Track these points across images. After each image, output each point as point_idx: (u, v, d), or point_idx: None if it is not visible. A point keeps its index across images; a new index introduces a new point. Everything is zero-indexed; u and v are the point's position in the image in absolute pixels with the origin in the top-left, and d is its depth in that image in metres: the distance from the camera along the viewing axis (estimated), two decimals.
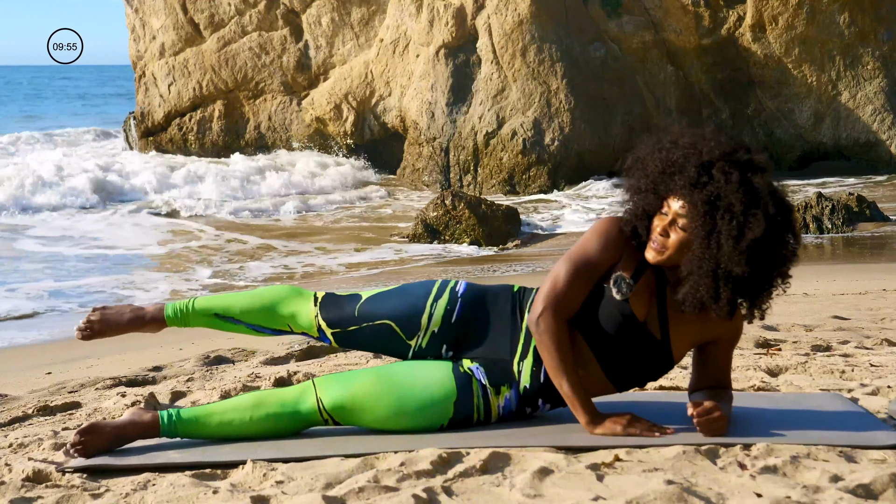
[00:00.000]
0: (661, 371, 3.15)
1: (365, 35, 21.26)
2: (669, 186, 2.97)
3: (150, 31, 22.79)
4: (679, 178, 2.94)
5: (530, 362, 3.10)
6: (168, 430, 3.08)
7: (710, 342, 3.15)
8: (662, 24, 19.30)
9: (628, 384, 3.17)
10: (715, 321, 3.07)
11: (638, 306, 3.04)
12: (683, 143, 2.99)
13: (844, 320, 5.90)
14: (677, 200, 2.95)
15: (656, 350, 3.08)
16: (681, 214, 2.94)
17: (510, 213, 14.09)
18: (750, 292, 2.98)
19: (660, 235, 2.96)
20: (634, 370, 3.13)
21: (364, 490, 2.62)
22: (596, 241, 3.05)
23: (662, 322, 3.06)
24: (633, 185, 3.05)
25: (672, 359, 3.11)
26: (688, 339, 3.11)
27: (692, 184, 2.92)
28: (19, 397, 4.61)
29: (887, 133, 18.68)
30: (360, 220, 15.37)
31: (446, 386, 3.08)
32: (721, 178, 2.90)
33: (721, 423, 2.95)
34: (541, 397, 3.14)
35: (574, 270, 3.02)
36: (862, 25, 18.69)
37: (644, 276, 3.04)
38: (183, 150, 22.66)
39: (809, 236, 12.72)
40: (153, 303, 3.39)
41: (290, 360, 5.12)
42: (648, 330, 3.06)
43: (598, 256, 3.03)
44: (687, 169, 2.94)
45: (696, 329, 3.09)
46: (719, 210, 2.89)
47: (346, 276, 10.46)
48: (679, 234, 2.95)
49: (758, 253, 2.88)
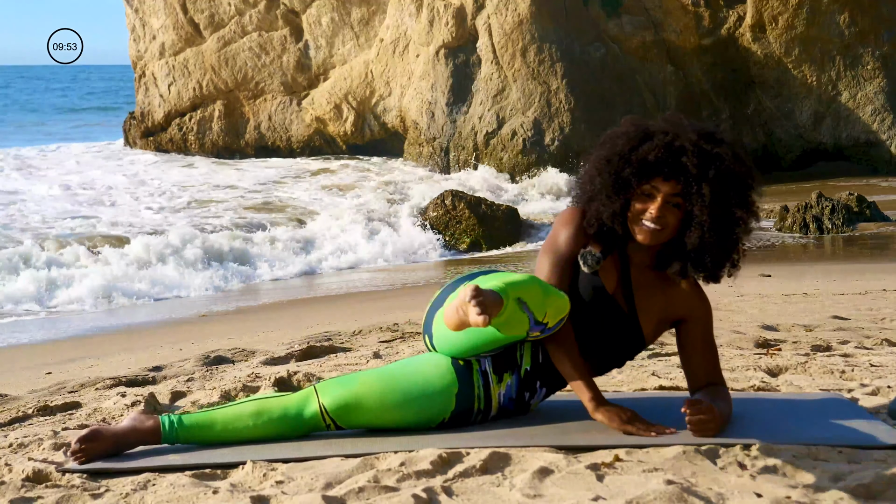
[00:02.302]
0: (633, 348, 3.25)
1: (365, 35, 21.26)
2: (653, 171, 3.04)
3: (150, 31, 22.79)
4: (671, 161, 3.02)
5: (529, 343, 3.17)
6: (169, 437, 3.08)
7: (684, 322, 3.23)
8: (662, 24, 19.30)
9: (604, 362, 3.26)
10: (680, 297, 3.20)
11: (607, 279, 3.16)
12: (657, 129, 3.08)
13: (844, 320, 5.90)
14: (665, 182, 3.03)
15: (625, 322, 3.18)
16: (674, 193, 3.03)
17: (510, 212, 14.08)
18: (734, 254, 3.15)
19: (656, 216, 3.04)
20: (606, 344, 3.21)
21: (364, 490, 2.62)
22: (564, 230, 3.17)
23: (628, 297, 3.18)
24: (604, 183, 3.08)
25: (641, 333, 3.21)
26: (654, 315, 3.22)
27: (695, 163, 3.00)
28: (19, 397, 4.61)
29: (887, 133, 18.68)
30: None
31: (447, 378, 3.12)
32: (721, 151, 3.02)
33: (714, 422, 2.96)
34: (539, 379, 3.20)
35: (552, 262, 3.15)
36: (862, 25, 18.69)
37: (610, 256, 3.17)
38: (183, 150, 22.67)
39: (809, 236, 12.72)
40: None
41: (290, 360, 5.12)
42: (617, 302, 3.17)
43: (567, 245, 3.16)
44: (679, 150, 3.02)
45: (661, 305, 3.21)
46: (726, 181, 3.00)
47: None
48: (675, 213, 3.05)
49: (755, 213, 3.09)
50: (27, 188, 18.10)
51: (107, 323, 8.54)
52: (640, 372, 4.18)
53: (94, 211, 15.47)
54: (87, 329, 8.09)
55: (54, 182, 18.82)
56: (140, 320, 8.65)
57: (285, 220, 14.53)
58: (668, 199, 3.03)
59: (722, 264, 3.10)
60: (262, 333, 6.72)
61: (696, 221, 3.02)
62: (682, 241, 3.07)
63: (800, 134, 19.25)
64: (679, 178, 3.02)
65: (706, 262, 3.07)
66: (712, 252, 3.05)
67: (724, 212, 3.01)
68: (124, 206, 16.06)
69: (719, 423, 3.00)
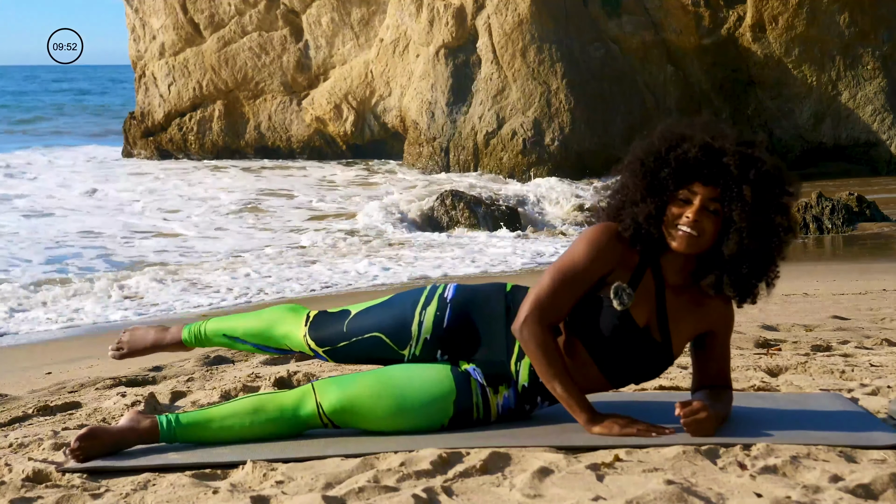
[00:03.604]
0: (661, 369, 3.16)
1: (365, 35, 21.26)
2: (691, 176, 2.95)
3: (150, 31, 22.79)
4: (710, 166, 2.93)
5: (528, 361, 3.10)
6: (167, 436, 3.08)
7: (707, 334, 3.16)
8: (662, 24, 19.30)
9: (626, 383, 3.18)
10: (711, 311, 3.10)
11: (638, 313, 3.04)
12: (692, 135, 2.98)
13: (844, 320, 5.90)
14: (704, 186, 2.93)
15: (657, 352, 3.09)
16: (713, 197, 2.93)
17: (510, 212, 14.08)
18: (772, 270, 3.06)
19: (694, 222, 2.93)
20: (634, 371, 3.14)
21: (364, 490, 2.62)
22: (586, 249, 3.02)
23: (662, 324, 3.07)
24: (639, 185, 2.99)
25: (672, 357, 3.13)
26: (686, 335, 3.13)
27: (735, 167, 2.92)
28: (19, 397, 4.61)
29: (887, 133, 18.68)
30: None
31: (445, 385, 3.09)
32: (760, 156, 2.94)
33: (708, 423, 2.95)
34: (539, 395, 3.15)
35: (560, 279, 3.01)
36: (862, 25, 18.70)
37: (642, 282, 3.04)
38: (183, 150, 22.67)
39: (809, 236, 12.72)
40: (177, 325, 3.51)
41: (290, 360, 5.12)
42: (650, 334, 3.06)
43: (586, 265, 3.01)
44: (720, 154, 2.93)
45: (694, 323, 3.11)
46: (767, 187, 2.92)
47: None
48: (713, 220, 2.94)
49: (789, 227, 2.98)
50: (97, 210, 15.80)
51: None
52: None
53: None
54: (87, 329, 8.09)
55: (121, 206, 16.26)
56: (139, 320, 8.64)
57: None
58: (707, 205, 2.93)
59: (759, 276, 2.99)
60: None
61: (734, 228, 2.91)
62: (719, 250, 2.96)
63: (800, 134, 19.26)
64: (718, 183, 2.92)
65: (742, 273, 2.95)
66: (751, 261, 2.94)
67: (763, 217, 2.91)
68: (238, 231, 13.90)
69: (715, 421, 2.98)
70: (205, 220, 14.87)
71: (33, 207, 16.10)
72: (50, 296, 8.96)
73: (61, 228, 13.72)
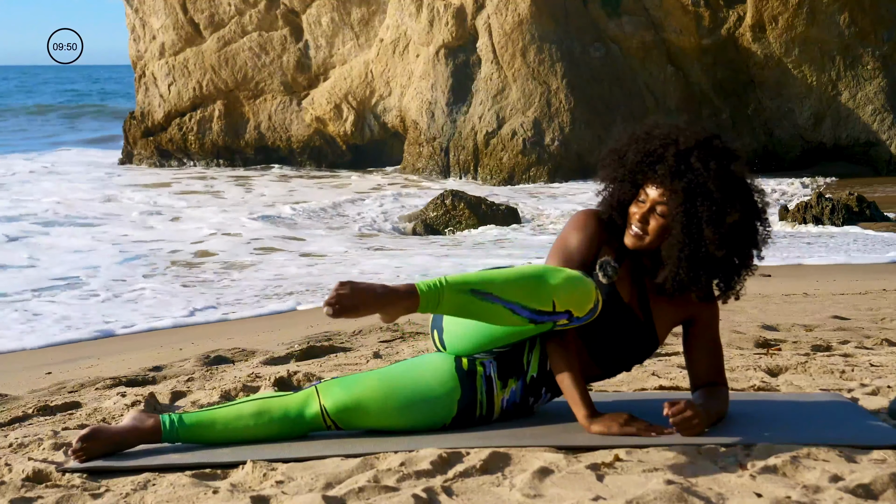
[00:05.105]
0: (647, 352, 3.24)
1: (365, 35, 21.26)
2: (647, 175, 3.07)
3: (150, 31, 22.79)
4: (659, 168, 3.04)
5: (538, 351, 3.15)
6: (170, 436, 3.08)
7: (691, 324, 3.23)
8: (662, 24, 19.30)
9: (615, 367, 3.25)
10: (689, 297, 3.17)
11: (622, 287, 3.14)
12: (659, 134, 3.09)
13: (844, 320, 5.90)
14: (655, 188, 3.05)
15: (641, 330, 3.17)
16: (659, 202, 3.03)
17: (510, 212, 14.08)
18: (726, 274, 3.11)
19: (639, 222, 3.06)
20: (621, 352, 3.21)
21: (364, 490, 2.62)
22: (575, 234, 3.14)
23: (644, 304, 3.17)
24: (610, 175, 3.15)
25: (657, 339, 3.21)
26: (668, 320, 3.22)
27: (672, 172, 3.02)
28: (19, 397, 4.61)
29: (887, 133, 18.69)
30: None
31: (449, 384, 3.10)
32: (700, 166, 3.00)
33: (696, 421, 2.96)
34: (544, 385, 3.19)
35: (560, 264, 3.10)
36: (862, 25, 18.70)
37: (625, 262, 3.15)
38: (183, 150, 22.67)
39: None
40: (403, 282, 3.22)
41: (290, 360, 5.12)
42: (633, 311, 3.16)
43: (579, 250, 3.12)
44: (666, 158, 3.03)
45: (674, 307, 3.19)
46: (699, 197, 2.99)
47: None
48: (658, 221, 3.04)
49: (735, 237, 3.02)
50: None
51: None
52: (640, 372, 4.18)
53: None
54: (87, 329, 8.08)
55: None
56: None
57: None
58: (655, 206, 3.03)
59: (697, 282, 3.05)
60: (262, 333, 6.72)
61: (672, 232, 3.03)
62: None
63: (800, 134, 19.26)
64: (665, 184, 3.02)
65: (681, 279, 3.03)
66: (689, 268, 3.02)
67: (694, 228, 2.99)
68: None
69: (704, 418, 2.99)
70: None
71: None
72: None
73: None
